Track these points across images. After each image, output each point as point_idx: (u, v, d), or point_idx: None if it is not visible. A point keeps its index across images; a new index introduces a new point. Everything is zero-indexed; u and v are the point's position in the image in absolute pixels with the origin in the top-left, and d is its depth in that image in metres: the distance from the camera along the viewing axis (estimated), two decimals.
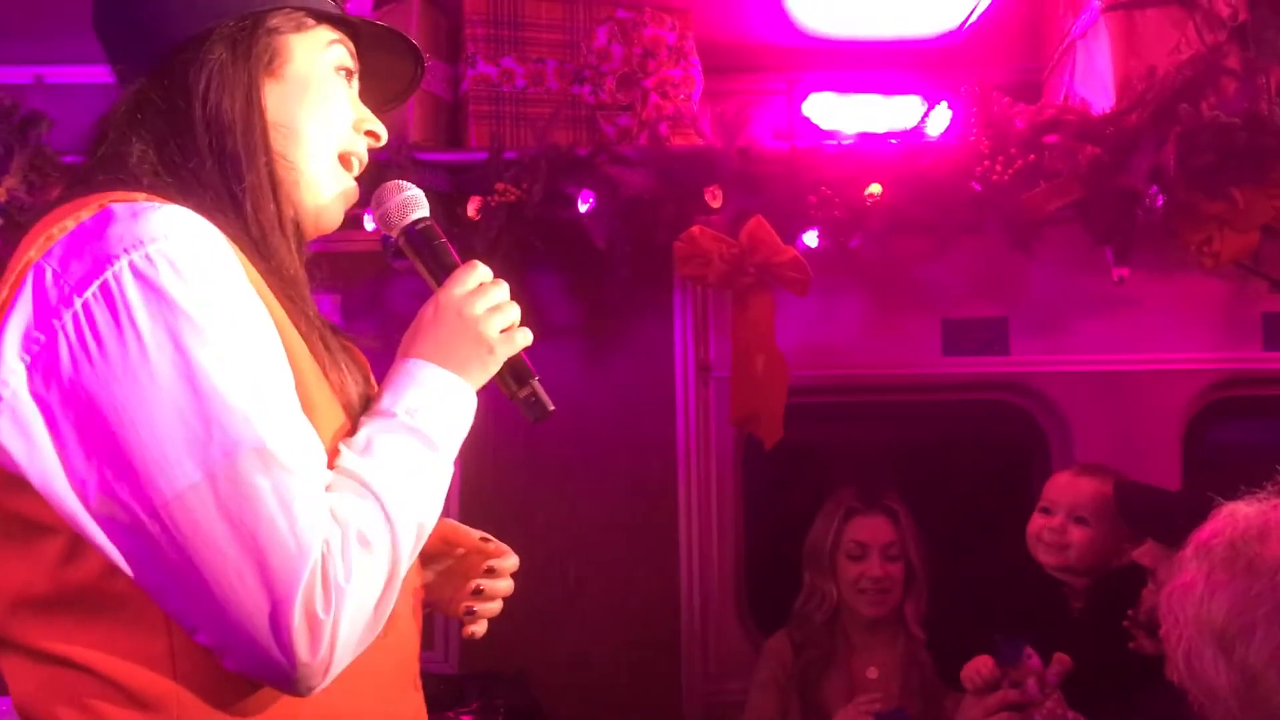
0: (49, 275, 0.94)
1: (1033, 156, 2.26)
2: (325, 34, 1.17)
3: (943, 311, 2.60)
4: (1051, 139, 2.28)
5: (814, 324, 2.56)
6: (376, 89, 1.26)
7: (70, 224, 0.97)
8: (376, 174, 2.36)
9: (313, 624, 0.93)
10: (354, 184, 1.24)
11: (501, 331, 1.19)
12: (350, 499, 0.99)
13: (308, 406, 1.02)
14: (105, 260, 0.94)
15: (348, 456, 1.03)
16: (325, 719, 1.02)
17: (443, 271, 1.25)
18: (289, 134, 1.13)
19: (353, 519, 0.98)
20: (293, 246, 1.15)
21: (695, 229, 2.31)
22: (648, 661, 2.56)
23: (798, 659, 2.35)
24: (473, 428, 2.56)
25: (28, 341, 0.93)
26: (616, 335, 2.63)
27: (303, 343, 1.06)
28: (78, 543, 0.95)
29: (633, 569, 2.58)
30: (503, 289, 1.22)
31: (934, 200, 2.34)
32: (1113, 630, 1.90)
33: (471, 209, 2.33)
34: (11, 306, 0.94)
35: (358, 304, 2.62)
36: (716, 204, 2.31)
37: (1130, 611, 1.83)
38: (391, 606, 1.02)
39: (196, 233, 0.98)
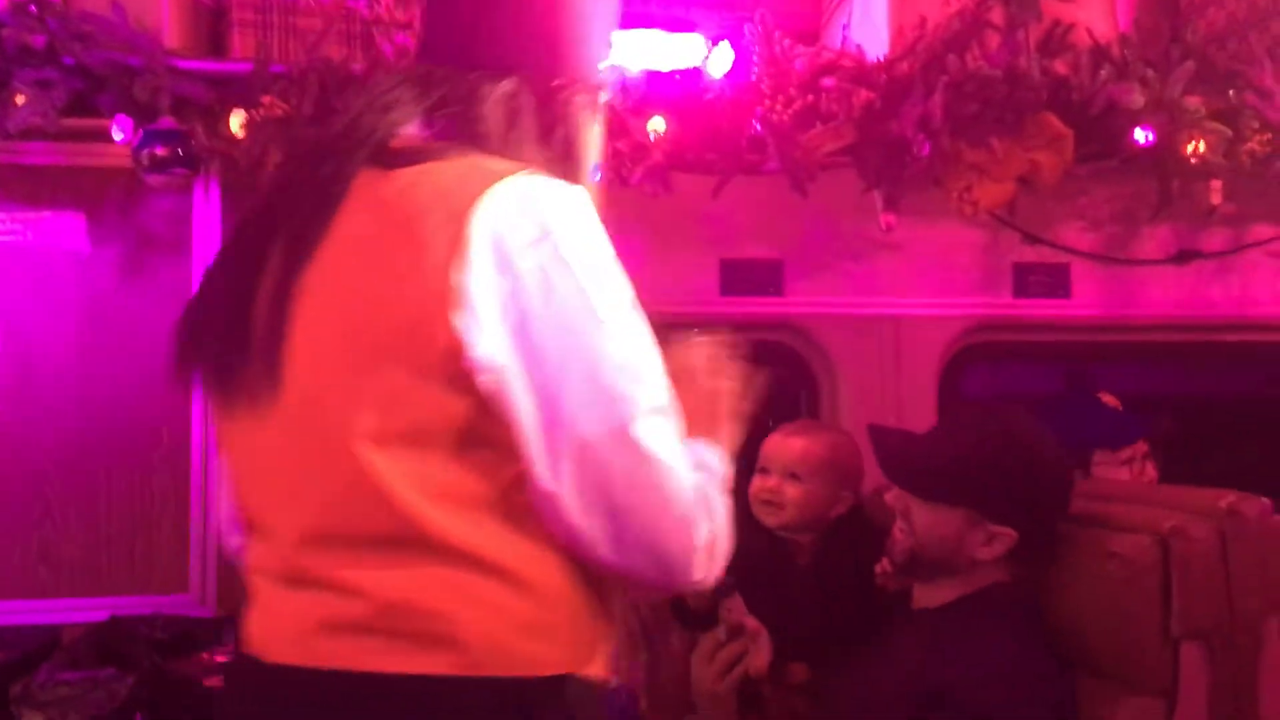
0: (507, 233, 1.05)
1: (810, 98, 2.30)
2: None
3: (721, 252, 2.62)
4: (828, 83, 2.33)
5: None
6: None
7: (507, 188, 1.07)
8: (128, 80, 2.23)
9: (710, 551, 1.10)
10: None
11: None
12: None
13: None
14: (550, 222, 1.07)
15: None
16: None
17: None
18: None
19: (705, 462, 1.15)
20: None
21: None
22: None
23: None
24: None
25: (497, 288, 1.04)
26: None
27: None
28: (510, 455, 1.05)
29: None
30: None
31: (715, 139, 2.35)
32: (842, 577, 1.98)
33: (235, 123, 2.17)
34: (467, 257, 1.04)
35: (105, 224, 2.43)
36: None
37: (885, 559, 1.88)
38: None
39: (591, 209, 1.12)
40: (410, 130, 1.16)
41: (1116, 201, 2.66)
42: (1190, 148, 2.44)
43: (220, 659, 1.95)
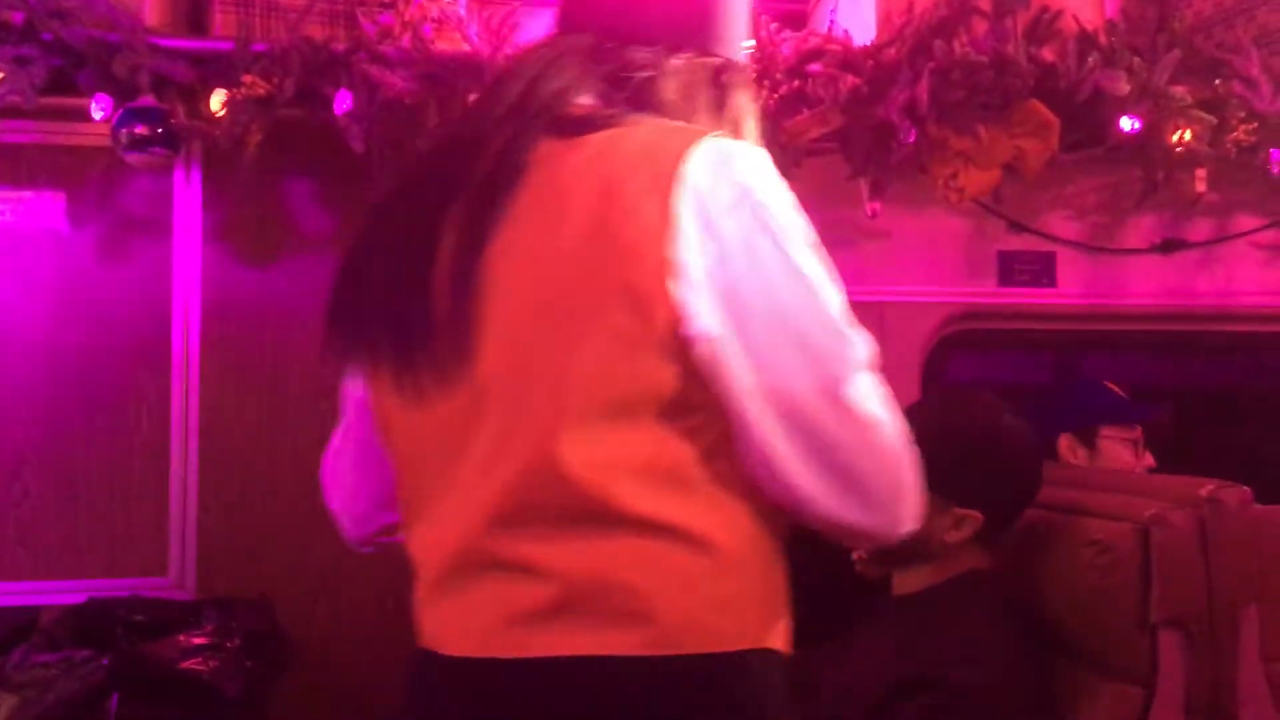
0: (709, 197, 1.05)
1: (797, 83, 2.29)
2: None
3: None
4: (815, 68, 2.32)
5: None
6: None
7: (704, 151, 1.06)
8: (107, 58, 2.20)
9: (919, 497, 1.12)
10: None
11: None
12: None
13: None
14: (746, 183, 1.06)
15: None
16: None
17: None
18: None
19: None
20: None
21: None
22: (399, 588, 2.49)
23: None
24: (221, 349, 2.39)
25: (705, 254, 1.03)
26: None
27: None
28: (710, 421, 1.05)
29: None
30: None
31: None
32: (819, 564, 1.98)
33: (216, 102, 2.15)
34: (678, 225, 1.03)
35: (84, 204, 2.41)
36: None
37: None
38: None
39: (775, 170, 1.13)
40: (582, 100, 1.14)
41: (1102, 190, 2.65)
42: (1176, 136, 2.44)
43: (197, 641, 1.94)
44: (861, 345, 1.08)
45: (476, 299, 1.06)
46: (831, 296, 1.08)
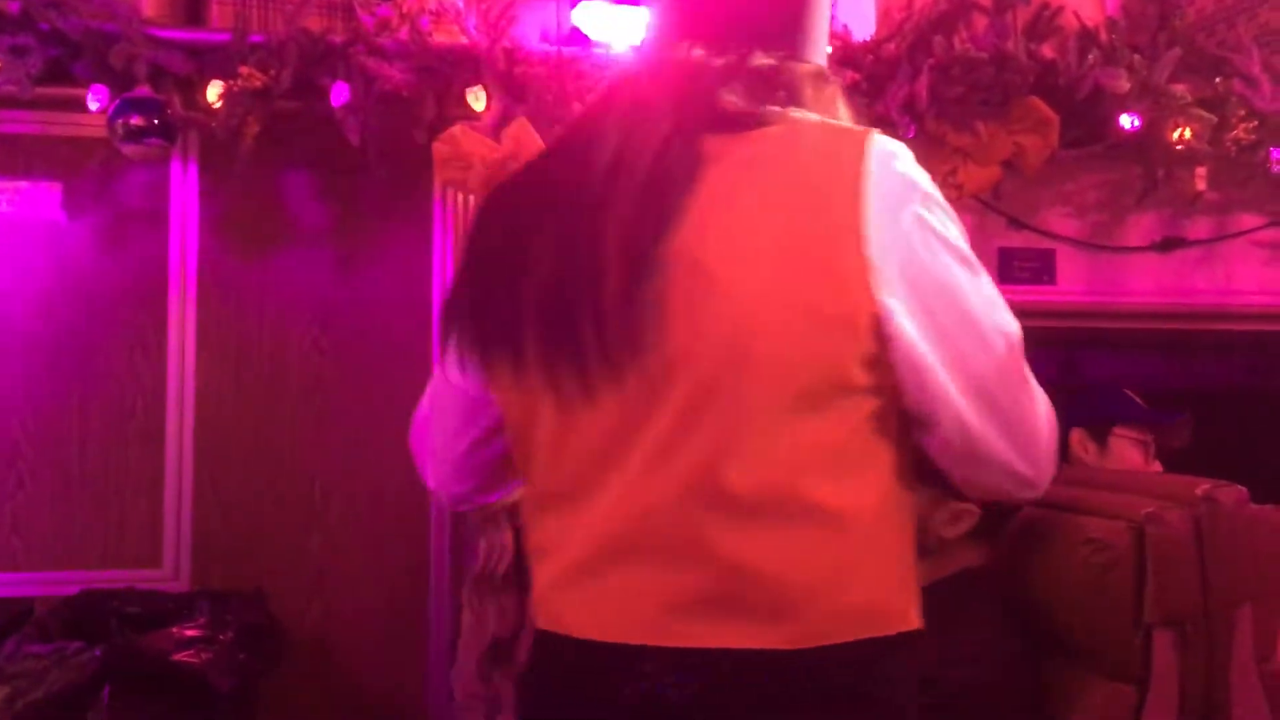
0: (887, 190, 1.08)
1: None
2: None
3: None
4: None
5: None
6: None
7: (875, 145, 1.10)
8: (104, 48, 2.20)
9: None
10: None
11: None
12: None
13: None
14: (911, 175, 1.11)
15: None
16: None
17: None
18: None
19: None
20: None
21: (457, 129, 2.22)
22: (394, 581, 2.50)
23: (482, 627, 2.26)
24: (218, 341, 2.39)
25: (893, 248, 1.08)
26: (371, 241, 2.51)
27: None
28: (881, 405, 1.10)
29: (381, 486, 2.50)
30: None
31: None
32: None
33: (213, 94, 2.15)
34: (870, 219, 1.06)
35: (82, 195, 2.41)
36: (479, 105, 2.22)
37: None
38: None
39: None
40: (731, 99, 1.15)
41: (1102, 188, 2.65)
42: (1176, 134, 2.43)
43: (190, 633, 1.94)
44: (1015, 322, 1.16)
45: (657, 290, 1.07)
46: (987, 279, 1.15)
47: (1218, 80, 2.48)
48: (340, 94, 2.19)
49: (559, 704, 1.12)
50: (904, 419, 1.13)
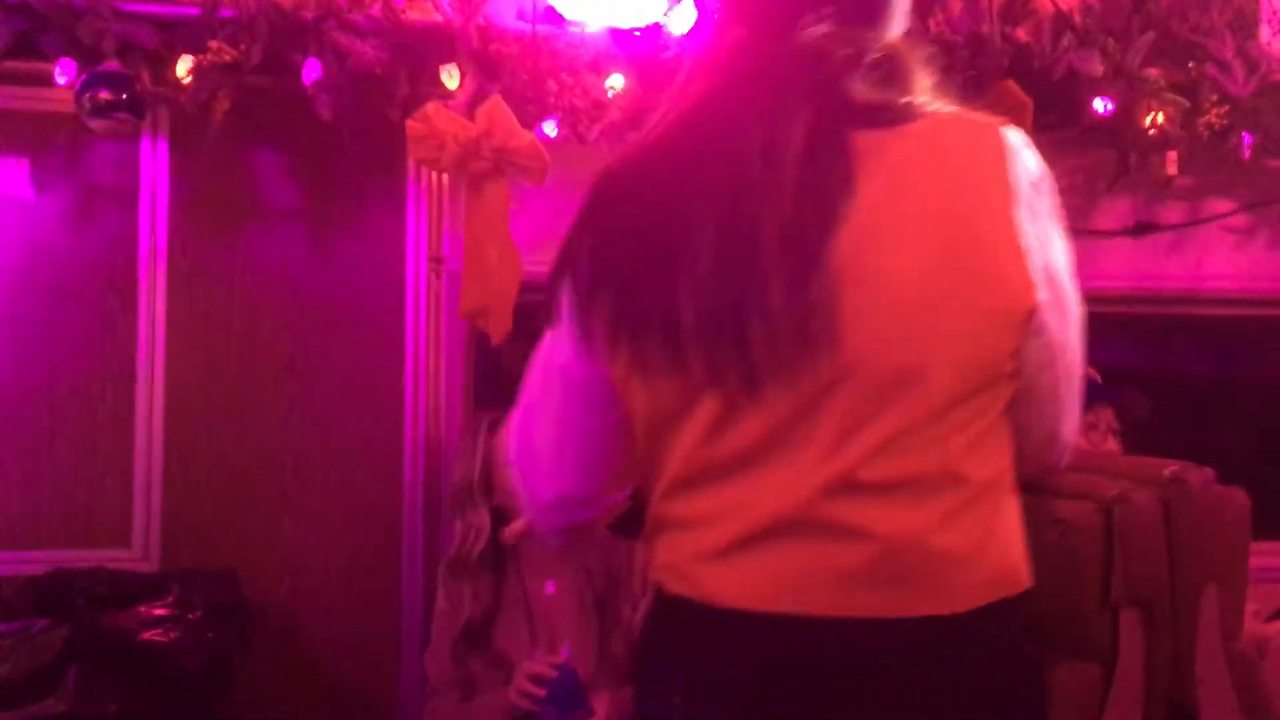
0: (1024, 181, 1.14)
1: None
2: None
3: None
4: None
5: (552, 217, 2.50)
6: None
7: (1007, 136, 1.15)
8: (72, 22, 2.17)
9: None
10: None
11: None
12: None
13: None
14: (1035, 164, 1.16)
15: None
16: None
17: None
18: None
19: None
20: None
21: (430, 107, 2.20)
22: (366, 563, 2.49)
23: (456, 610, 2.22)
24: (188, 319, 2.35)
25: (1034, 235, 1.13)
26: (344, 221, 2.49)
27: None
28: (1012, 385, 1.16)
29: (353, 468, 2.49)
30: None
31: None
32: None
33: (182, 69, 2.13)
34: (1019, 209, 1.12)
35: (49, 171, 2.38)
36: (453, 83, 2.20)
37: None
38: None
39: None
40: (863, 89, 1.13)
41: (1075, 172, 2.65)
42: (1149, 119, 2.44)
43: (158, 613, 1.93)
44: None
45: (826, 291, 1.07)
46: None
47: (1191, 65, 2.49)
48: (312, 70, 2.17)
49: (714, 668, 1.14)
50: None
